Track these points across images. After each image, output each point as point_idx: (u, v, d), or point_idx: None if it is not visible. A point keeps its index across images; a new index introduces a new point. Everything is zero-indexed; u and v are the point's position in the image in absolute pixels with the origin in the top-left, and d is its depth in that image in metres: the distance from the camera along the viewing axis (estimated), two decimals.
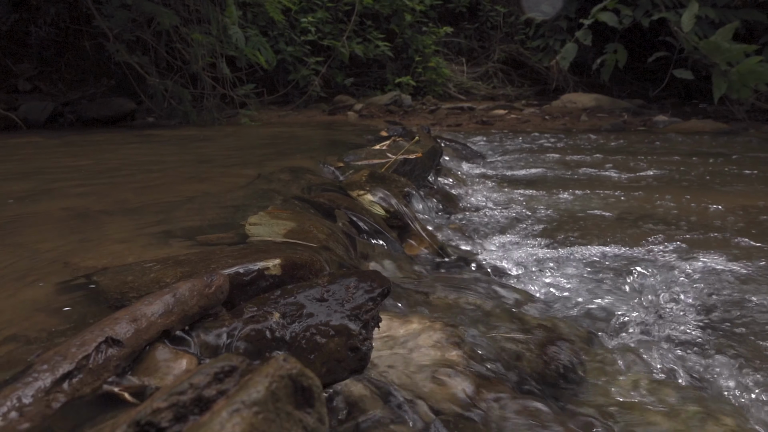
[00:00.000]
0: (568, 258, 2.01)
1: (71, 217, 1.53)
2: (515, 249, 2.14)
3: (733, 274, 1.79)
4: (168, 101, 6.55)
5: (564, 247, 2.12)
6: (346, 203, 1.89)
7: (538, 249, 2.12)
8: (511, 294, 1.51)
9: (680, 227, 2.40)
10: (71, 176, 2.39)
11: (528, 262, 1.99)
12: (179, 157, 3.15)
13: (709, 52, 6.51)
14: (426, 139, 3.58)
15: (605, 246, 2.14)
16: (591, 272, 1.83)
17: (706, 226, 2.40)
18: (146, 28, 6.43)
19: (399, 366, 0.97)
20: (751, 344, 1.37)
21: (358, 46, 9.01)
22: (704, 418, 1.05)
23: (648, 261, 1.95)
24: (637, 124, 7.32)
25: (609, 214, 2.64)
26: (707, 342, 1.38)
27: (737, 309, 1.57)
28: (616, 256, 2.01)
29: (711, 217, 2.56)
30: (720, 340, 1.39)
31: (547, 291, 1.71)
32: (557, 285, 1.74)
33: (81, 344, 0.67)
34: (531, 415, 0.89)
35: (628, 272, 1.82)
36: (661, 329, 1.46)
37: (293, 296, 0.90)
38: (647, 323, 1.49)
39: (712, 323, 1.48)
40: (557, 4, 8.12)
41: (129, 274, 0.97)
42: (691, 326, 1.47)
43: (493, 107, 8.80)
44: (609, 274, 1.80)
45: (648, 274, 1.81)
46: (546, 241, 2.21)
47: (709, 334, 1.42)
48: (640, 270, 1.85)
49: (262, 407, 0.47)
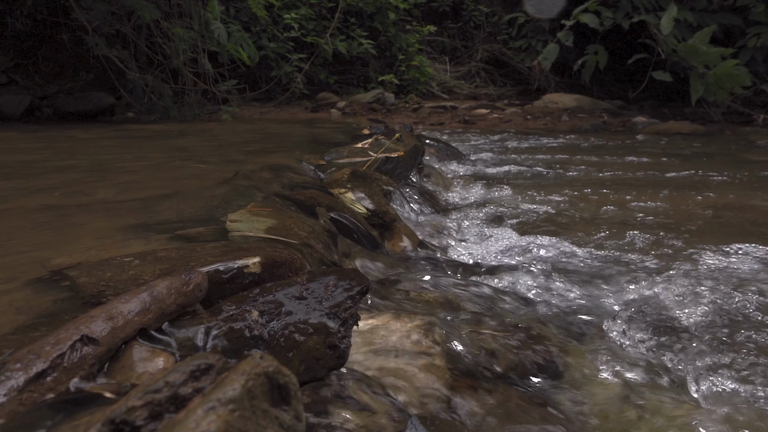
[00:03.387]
0: (547, 256, 2.04)
1: (47, 213, 1.51)
2: (495, 246, 2.16)
3: (706, 271, 1.84)
4: (148, 96, 6.46)
5: (543, 246, 2.14)
6: (327, 201, 1.89)
7: (517, 248, 2.15)
8: (490, 292, 1.52)
9: (655, 226, 2.45)
10: (48, 171, 2.35)
11: (507, 261, 2.02)
12: (159, 153, 3.11)
13: (687, 54, 6.63)
14: (408, 138, 3.60)
15: (583, 245, 2.17)
16: (569, 271, 1.86)
17: (679, 224, 2.45)
18: (126, 22, 6.33)
19: (376, 362, 0.98)
20: (727, 343, 1.40)
21: (342, 44, 8.98)
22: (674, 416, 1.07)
23: (624, 260, 1.99)
24: (617, 124, 7.43)
25: (587, 214, 2.69)
26: (683, 340, 1.41)
27: (714, 308, 1.61)
28: (592, 254, 2.05)
29: (683, 215, 2.62)
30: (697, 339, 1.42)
31: (525, 289, 1.73)
32: (535, 283, 1.77)
33: (56, 342, 0.66)
34: (506, 412, 0.90)
35: (605, 271, 1.85)
36: (636, 328, 1.49)
37: (272, 294, 0.90)
38: (623, 322, 1.52)
39: (689, 322, 1.52)
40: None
41: (107, 271, 0.96)
42: (666, 325, 1.50)
43: (476, 106, 8.85)
44: (586, 273, 1.83)
45: (624, 273, 1.84)
46: (526, 240, 2.23)
47: (686, 333, 1.45)
48: (616, 268, 1.88)
49: (238, 405, 0.47)
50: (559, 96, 8.83)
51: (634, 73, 8.64)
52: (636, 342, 1.39)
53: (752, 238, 2.22)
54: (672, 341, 1.40)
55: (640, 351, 1.34)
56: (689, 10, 7.54)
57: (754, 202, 2.89)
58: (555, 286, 1.75)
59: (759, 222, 2.50)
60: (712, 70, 6.51)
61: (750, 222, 2.48)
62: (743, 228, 2.40)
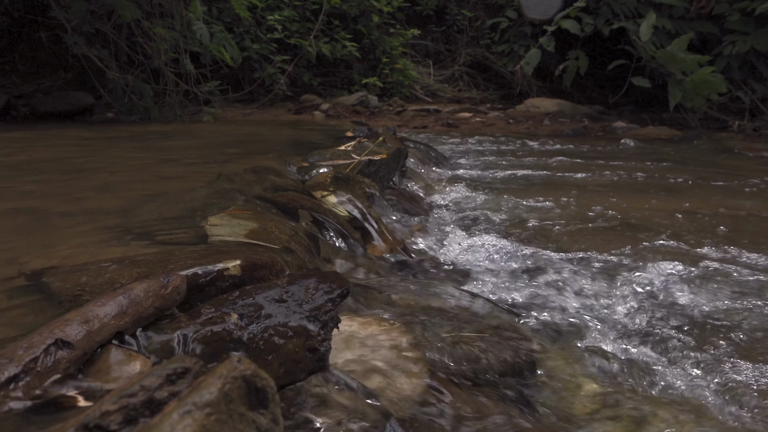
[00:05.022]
0: (527, 260, 2.06)
1: (23, 216, 1.48)
2: (477, 250, 2.18)
3: (682, 273, 1.87)
4: (128, 96, 6.38)
5: (523, 250, 2.16)
6: (309, 204, 1.89)
7: (498, 251, 2.16)
8: (471, 296, 1.53)
9: (633, 229, 2.49)
10: (24, 173, 2.31)
11: (488, 264, 2.03)
12: (139, 155, 3.08)
13: (665, 61, 6.75)
14: (391, 141, 3.60)
15: (562, 248, 2.20)
16: (547, 273, 1.88)
17: (657, 227, 2.49)
18: (106, 21, 6.25)
19: (357, 365, 0.98)
20: (705, 343, 1.43)
21: (326, 46, 8.97)
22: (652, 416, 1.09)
23: (602, 262, 2.01)
24: (597, 129, 7.53)
25: (567, 217, 2.72)
26: (661, 341, 1.43)
27: (690, 308, 1.64)
28: (571, 257, 2.07)
29: (661, 218, 2.66)
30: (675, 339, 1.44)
31: (504, 291, 1.75)
32: (515, 286, 1.79)
33: (29, 346, 0.65)
34: (484, 412, 0.91)
35: (583, 273, 1.88)
36: (613, 329, 1.51)
37: (252, 297, 0.90)
38: (601, 323, 1.54)
39: (667, 323, 1.54)
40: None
41: (83, 275, 0.94)
42: (644, 326, 1.53)
43: (459, 110, 8.91)
44: (564, 275, 1.86)
45: (602, 275, 1.87)
46: (507, 243, 2.25)
47: (663, 334, 1.47)
48: (595, 271, 1.91)
49: (214, 408, 0.47)
50: (540, 100, 8.93)
51: (614, 79, 8.77)
52: (613, 342, 1.42)
53: (728, 241, 2.27)
54: (650, 342, 1.42)
55: (617, 351, 1.36)
56: (667, 18, 7.68)
57: (729, 205, 2.96)
58: (534, 288, 1.77)
59: (733, 224, 2.55)
60: (689, 77, 6.64)
61: (725, 225, 2.53)
62: (718, 231, 2.45)
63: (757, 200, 3.14)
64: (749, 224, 2.62)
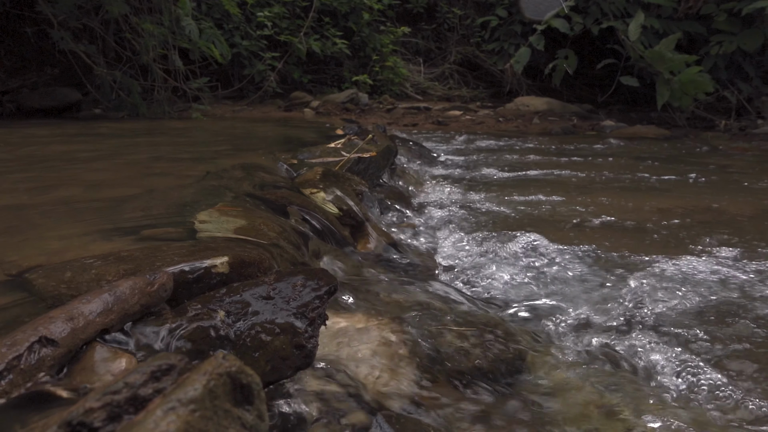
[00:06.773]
0: (516, 256, 2.07)
1: (8, 213, 1.47)
2: (465, 248, 2.19)
3: (670, 271, 1.89)
4: (116, 92, 6.31)
5: (512, 247, 2.17)
6: (299, 201, 1.89)
7: (487, 248, 2.17)
8: (459, 292, 1.54)
9: (621, 227, 2.51)
10: (9, 169, 2.28)
11: (477, 261, 2.04)
12: (127, 151, 3.05)
13: (653, 60, 6.81)
14: (381, 139, 3.60)
15: (551, 245, 2.21)
16: (537, 270, 1.89)
17: (644, 224, 2.51)
18: (93, 16, 6.17)
19: (345, 362, 0.98)
20: (693, 340, 1.45)
21: (316, 43, 8.94)
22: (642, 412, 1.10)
23: (591, 259, 2.03)
24: (586, 128, 7.58)
25: (556, 214, 2.74)
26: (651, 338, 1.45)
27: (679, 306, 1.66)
28: (560, 255, 2.09)
29: (648, 216, 2.69)
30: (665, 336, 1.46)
31: (494, 288, 1.76)
32: (503, 283, 1.79)
33: (12, 344, 0.64)
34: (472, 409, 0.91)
35: (572, 271, 1.89)
36: (603, 327, 1.53)
37: (239, 294, 0.89)
38: (590, 321, 1.55)
39: (656, 321, 1.56)
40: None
41: (67, 272, 0.93)
42: (634, 324, 1.54)
43: (449, 108, 8.92)
44: (554, 273, 1.87)
45: (591, 273, 1.88)
46: (496, 241, 2.26)
47: (653, 332, 1.49)
48: (584, 268, 1.92)
49: (199, 405, 0.47)
50: (530, 99, 8.97)
51: (603, 78, 8.83)
52: (602, 340, 1.43)
53: (714, 239, 2.30)
54: (639, 339, 1.43)
55: (607, 349, 1.37)
56: (656, 18, 7.74)
57: (716, 203, 2.99)
58: (523, 285, 1.78)
59: (719, 222, 2.58)
60: (677, 77, 6.70)
61: (711, 222, 2.56)
62: (705, 229, 2.48)
63: (743, 198, 3.18)
64: (735, 222, 2.66)
